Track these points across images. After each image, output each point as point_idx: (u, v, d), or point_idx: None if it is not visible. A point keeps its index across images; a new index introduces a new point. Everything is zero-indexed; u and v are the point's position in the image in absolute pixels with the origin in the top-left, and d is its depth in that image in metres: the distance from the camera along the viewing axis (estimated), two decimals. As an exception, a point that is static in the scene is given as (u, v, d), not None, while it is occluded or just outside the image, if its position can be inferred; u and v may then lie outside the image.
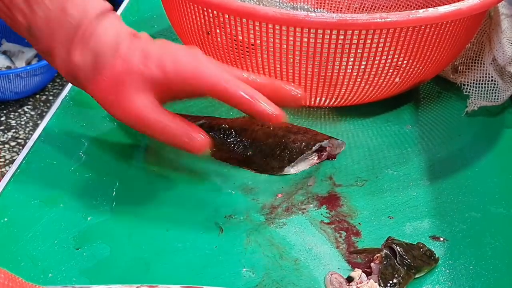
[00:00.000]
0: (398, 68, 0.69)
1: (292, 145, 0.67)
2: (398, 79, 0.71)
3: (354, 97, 0.73)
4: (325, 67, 0.68)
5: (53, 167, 0.66)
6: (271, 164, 0.67)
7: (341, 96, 0.72)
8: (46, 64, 2.03)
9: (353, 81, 0.70)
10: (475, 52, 0.79)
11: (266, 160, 0.67)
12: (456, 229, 0.60)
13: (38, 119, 2.04)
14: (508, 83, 0.76)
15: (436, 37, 0.67)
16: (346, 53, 0.66)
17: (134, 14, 0.99)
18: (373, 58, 0.67)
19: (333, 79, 0.69)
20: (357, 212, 0.61)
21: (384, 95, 0.74)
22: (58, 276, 0.53)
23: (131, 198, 0.62)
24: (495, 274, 0.54)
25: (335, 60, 0.68)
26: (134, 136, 0.72)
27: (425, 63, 0.71)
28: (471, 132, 0.75)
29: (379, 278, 0.53)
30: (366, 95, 0.73)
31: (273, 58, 0.69)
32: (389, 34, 0.65)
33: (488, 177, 0.67)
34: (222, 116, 0.74)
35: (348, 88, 0.71)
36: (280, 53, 0.68)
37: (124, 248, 0.56)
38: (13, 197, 0.62)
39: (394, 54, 0.67)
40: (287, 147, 0.67)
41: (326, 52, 0.67)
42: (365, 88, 0.71)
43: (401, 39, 0.66)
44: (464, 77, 0.79)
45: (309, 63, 0.68)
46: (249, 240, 0.58)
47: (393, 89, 0.73)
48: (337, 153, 0.69)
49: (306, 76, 0.70)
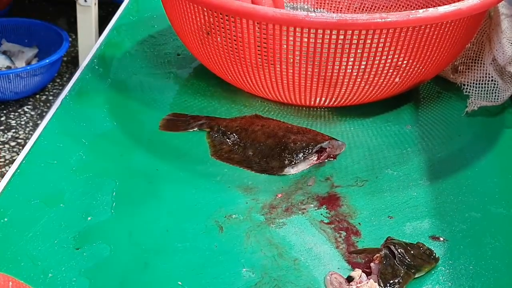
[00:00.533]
0: (398, 68, 0.69)
1: (293, 146, 0.67)
2: (398, 79, 0.71)
3: (354, 97, 0.73)
4: (325, 67, 0.68)
5: (53, 167, 0.66)
6: (271, 164, 0.67)
7: (341, 96, 0.72)
8: (46, 64, 2.03)
9: (353, 81, 0.70)
10: (475, 52, 0.79)
11: (266, 160, 0.67)
12: (456, 229, 0.60)
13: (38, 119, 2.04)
14: (508, 83, 0.76)
15: (436, 37, 0.67)
16: (346, 53, 0.67)
17: (134, 14, 0.99)
18: (373, 58, 0.67)
19: (333, 79, 0.69)
20: (357, 212, 0.61)
21: (384, 95, 0.74)
22: (58, 276, 0.53)
23: (131, 198, 0.62)
24: (495, 274, 0.54)
25: (335, 60, 0.68)
26: (134, 136, 0.72)
27: (425, 63, 0.71)
28: (471, 132, 0.75)
29: (378, 278, 0.53)
30: (366, 95, 0.73)
31: (273, 58, 0.69)
32: (389, 34, 0.65)
33: (488, 177, 0.67)
34: (222, 116, 0.74)
35: (348, 88, 0.71)
36: (280, 53, 0.68)
37: (124, 248, 0.56)
38: (13, 197, 0.62)
39: (394, 54, 0.67)
40: (287, 148, 0.67)
41: (326, 52, 0.67)
42: (365, 88, 0.71)
43: (401, 39, 0.66)
44: (464, 77, 0.79)
45: (309, 63, 0.68)
46: (249, 240, 0.57)
47: (393, 89, 0.73)
48: (337, 154, 0.69)
49: (306, 76, 0.70)
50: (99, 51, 0.88)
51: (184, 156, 0.69)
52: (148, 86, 0.82)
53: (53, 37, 2.15)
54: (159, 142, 0.71)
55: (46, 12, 2.56)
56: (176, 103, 0.77)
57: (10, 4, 2.41)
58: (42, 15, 2.47)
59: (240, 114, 0.76)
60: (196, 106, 0.77)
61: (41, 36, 2.20)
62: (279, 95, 0.74)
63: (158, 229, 0.58)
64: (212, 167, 0.67)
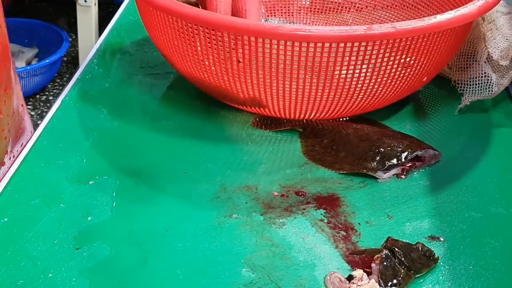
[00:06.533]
0: (362, 83, 0.67)
1: (388, 151, 0.66)
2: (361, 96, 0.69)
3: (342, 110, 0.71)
4: (310, 79, 0.66)
5: (53, 167, 0.66)
6: (364, 165, 0.66)
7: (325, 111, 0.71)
8: (46, 64, 2.03)
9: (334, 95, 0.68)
10: (468, 51, 0.79)
11: (359, 161, 0.66)
12: (456, 229, 0.60)
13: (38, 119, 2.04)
14: (501, 77, 0.76)
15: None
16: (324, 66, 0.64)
17: (134, 14, 0.99)
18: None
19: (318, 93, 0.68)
20: (357, 212, 0.61)
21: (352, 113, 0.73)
22: (58, 276, 0.53)
23: (131, 198, 0.62)
24: (495, 274, 0.54)
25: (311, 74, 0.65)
26: (134, 136, 0.72)
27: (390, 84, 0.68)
28: (471, 132, 0.75)
29: (379, 278, 0.53)
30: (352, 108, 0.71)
31: (249, 70, 0.66)
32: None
33: (488, 177, 0.67)
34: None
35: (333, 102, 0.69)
36: (257, 65, 0.65)
37: (124, 248, 0.56)
38: (13, 197, 0.62)
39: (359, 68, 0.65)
40: (381, 152, 0.66)
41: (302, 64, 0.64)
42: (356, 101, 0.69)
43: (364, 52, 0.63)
44: (458, 75, 0.79)
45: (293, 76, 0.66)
46: (249, 240, 0.58)
47: (361, 107, 0.71)
48: (432, 163, 0.68)
49: (291, 91, 0.68)
50: (99, 51, 0.88)
51: (184, 156, 0.69)
52: (148, 86, 0.82)
53: (53, 37, 2.16)
54: (159, 142, 0.71)
55: (46, 12, 2.56)
56: (176, 103, 0.77)
57: (9, 5, 2.41)
58: (42, 15, 2.47)
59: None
60: (197, 105, 0.77)
61: (41, 36, 2.20)
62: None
63: (158, 229, 0.59)
64: (211, 167, 0.67)
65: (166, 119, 0.75)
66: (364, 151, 0.67)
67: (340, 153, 0.68)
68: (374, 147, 0.67)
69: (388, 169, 0.66)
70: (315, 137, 0.70)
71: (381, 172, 0.66)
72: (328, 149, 0.68)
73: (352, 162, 0.67)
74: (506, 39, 0.75)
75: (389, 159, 0.66)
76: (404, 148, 0.67)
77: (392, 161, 0.66)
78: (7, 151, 0.68)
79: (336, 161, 0.67)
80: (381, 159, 0.66)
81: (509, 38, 0.75)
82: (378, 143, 0.67)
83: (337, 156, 0.68)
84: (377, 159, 0.66)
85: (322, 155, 0.68)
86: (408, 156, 0.66)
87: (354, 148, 0.68)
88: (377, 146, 0.67)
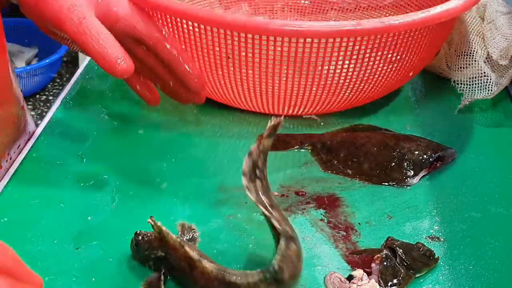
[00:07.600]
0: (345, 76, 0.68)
1: (411, 156, 0.66)
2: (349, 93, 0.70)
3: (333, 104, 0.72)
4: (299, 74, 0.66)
5: (53, 167, 0.66)
6: (392, 175, 0.66)
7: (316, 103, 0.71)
8: (46, 64, 2.03)
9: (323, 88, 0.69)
10: (466, 51, 0.79)
11: (385, 172, 0.66)
12: (456, 229, 0.60)
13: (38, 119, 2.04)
14: (500, 77, 0.76)
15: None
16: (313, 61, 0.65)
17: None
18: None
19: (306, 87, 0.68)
20: (357, 212, 0.61)
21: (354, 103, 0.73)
22: (58, 276, 0.53)
23: (131, 198, 0.62)
24: (495, 274, 0.54)
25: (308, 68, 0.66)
26: (135, 136, 0.72)
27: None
28: (471, 132, 0.75)
29: (379, 278, 0.53)
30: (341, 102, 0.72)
31: (239, 67, 0.67)
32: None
33: (488, 177, 0.67)
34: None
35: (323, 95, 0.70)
36: (246, 61, 0.66)
37: (124, 248, 0.56)
38: (13, 197, 0.62)
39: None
40: (405, 158, 0.66)
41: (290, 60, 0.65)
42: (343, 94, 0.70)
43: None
44: (458, 75, 0.79)
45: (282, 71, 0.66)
46: (249, 240, 0.58)
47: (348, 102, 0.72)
48: (449, 162, 0.69)
49: (280, 84, 0.68)
50: (99, 51, 0.88)
51: (184, 156, 0.69)
52: (148, 86, 0.82)
53: (53, 37, 2.15)
54: (159, 143, 0.71)
55: (46, 12, 2.55)
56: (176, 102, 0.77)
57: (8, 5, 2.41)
58: (42, 15, 2.46)
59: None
60: (197, 105, 0.77)
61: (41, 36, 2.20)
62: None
63: (158, 229, 0.58)
64: (211, 167, 0.67)
65: (166, 119, 0.75)
66: (388, 159, 0.66)
67: (363, 165, 0.67)
68: (396, 154, 0.67)
69: (417, 174, 0.66)
70: (329, 152, 0.69)
71: (412, 179, 0.65)
72: (347, 162, 0.68)
73: (379, 174, 0.66)
74: (505, 39, 0.75)
75: (416, 164, 0.66)
76: (425, 150, 0.67)
77: (418, 165, 0.66)
78: (4, 155, 0.67)
79: (361, 173, 0.67)
80: (409, 165, 0.66)
81: (508, 37, 0.75)
82: (399, 149, 0.67)
83: (360, 168, 0.67)
84: (404, 165, 0.66)
85: (344, 168, 0.67)
86: (433, 158, 0.66)
87: (376, 157, 0.67)
88: (398, 153, 0.67)
